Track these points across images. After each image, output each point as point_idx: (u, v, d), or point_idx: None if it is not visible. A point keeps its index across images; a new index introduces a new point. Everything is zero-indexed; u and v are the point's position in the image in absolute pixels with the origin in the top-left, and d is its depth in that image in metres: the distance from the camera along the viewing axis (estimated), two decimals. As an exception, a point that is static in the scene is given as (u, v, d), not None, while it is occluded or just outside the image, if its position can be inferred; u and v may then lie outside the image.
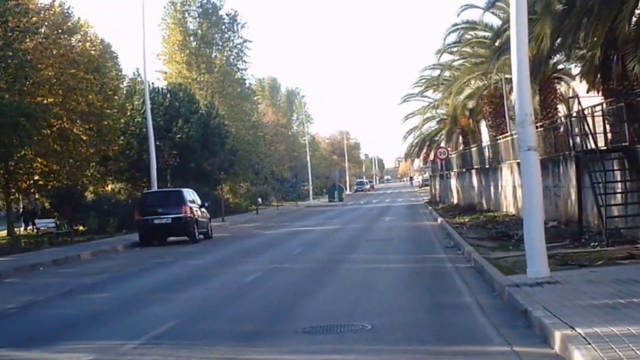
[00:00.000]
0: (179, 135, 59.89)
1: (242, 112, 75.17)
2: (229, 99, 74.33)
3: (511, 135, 36.93)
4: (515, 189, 35.06)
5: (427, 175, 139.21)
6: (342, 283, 16.78)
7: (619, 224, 21.64)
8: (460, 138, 57.26)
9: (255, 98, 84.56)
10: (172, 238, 34.74)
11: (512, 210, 35.78)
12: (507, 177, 36.67)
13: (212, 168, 53.16)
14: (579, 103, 23.78)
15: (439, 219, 37.89)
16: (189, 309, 14.29)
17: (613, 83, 26.39)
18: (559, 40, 32.74)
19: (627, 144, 22.11)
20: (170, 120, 60.51)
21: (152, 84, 64.76)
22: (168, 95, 62.99)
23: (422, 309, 12.73)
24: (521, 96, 14.37)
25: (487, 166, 42.69)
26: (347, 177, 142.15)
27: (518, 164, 35.75)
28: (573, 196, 25.91)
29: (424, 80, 54.81)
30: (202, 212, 35.89)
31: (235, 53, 76.38)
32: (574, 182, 25.93)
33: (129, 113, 57.40)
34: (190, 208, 34.11)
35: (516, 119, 14.68)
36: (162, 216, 33.51)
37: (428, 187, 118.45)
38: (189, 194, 35.68)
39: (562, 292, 12.36)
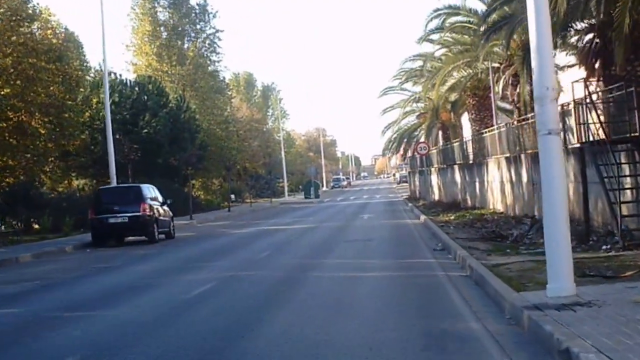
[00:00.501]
0: (146, 130, 56.62)
1: (215, 106, 71.54)
2: (201, 93, 70.74)
3: (498, 128, 33.85)
4: (502, 185, 31.98)
5: (404, 171, 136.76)
6: (310, 302, 13.27)
7: (629, 224, 18.62)
8: (441, 133, 54.19)
9: (229, 92, 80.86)
10: (130, 238, 31.41)
11: (499, 207, 32.70)
12: (494, 173, 33.58)
13: (179, 163, 49.70)
14: (586, 87, 20.61)
15: (422, 217, 34.75)
16: (100, 338, 10.89)
17: (615, 68, 23.70)
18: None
19: (637, 134, 19.15)
20: (137, 114, 57.27)
21: (120, 75, 61.41)
22: (136, 88, 59.67)
23: (415, 346, 9.30)
24: (541, 64, 11.13)
25: (471, 161, 39.59)
26: (324, 174, 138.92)
27: (506, 158, 32.81)
28: (571, 192, 22.94)
29: (403, 73, 51.60)
30: (164, 210, 32.58)
31: (207, 44, 72.80)
32: (571, 176, 22.96)
33: (94, 106, 53.85)
34: (150, 206, 30.78)
35: (535, 93, 11.41)
36: (118, 214, 30.19)
37: (406, 184, 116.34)
38: (149, 191, 32.32)
39: (606, 319, 9.08)
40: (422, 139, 51.64)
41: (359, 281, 15.66)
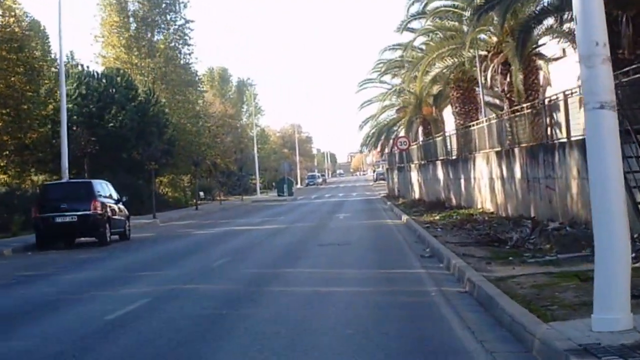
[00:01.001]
0: (112, 124, 53.37)
1: (186, 100, 68.04)
2: (171, 86, 67.24)
3: (488, 120, 30.75)
4: (492, 182, 28.85)
5: (381, 169, 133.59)
6: (261, 335, 9.67)
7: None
8: (421, 128, 51.06)
9: (201, 86, 77.25)
10: (82, 239, 28.08)
11: (489, 206, 29.56)
12: (482, 169, 30.43)
13: (142, 158, 46.21)
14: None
15: (404, 217, 31.59)
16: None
17: (623, 51, 20.83)
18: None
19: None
20: (104, 107, 54.13)
21: (87, 67, 57.94)
22: (103, 80, 56.25)
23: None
24: (588, 11, 7.92)
25: (455, 157, 36.48)
26: (298, 171, 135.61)
27: (497, 153, 29.61)
28: (574, 189, 19.87)
29: (382, 64, 48.29)
30: (118, 208, 29.19)
31: (177, 35, 69.21)
32: (574, 172, 19.91)
33: (59, 99, 50.49)
34: (102, 203, 27.37)
35: (580, 51, 8.14)
36: (66, 213, 26.75)
37: (384, 182, 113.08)
38: (102, 187, 28.89)
39: None
40: (402, 134, 48.34)
41: (330, 300, 12.29)
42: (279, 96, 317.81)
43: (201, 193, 72.28)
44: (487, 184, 29.84)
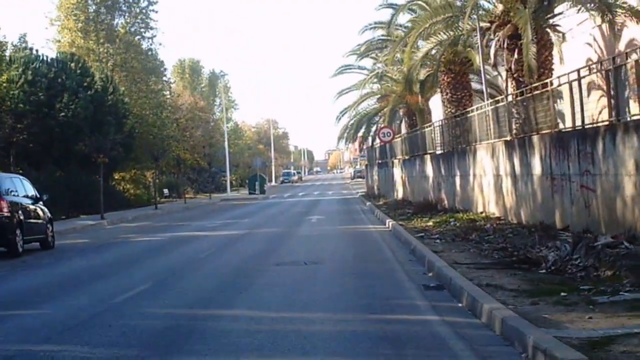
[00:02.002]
0: (63, 113, 47.25)
1: (149, 89, 61.82)
2: (132, 74, 61.06)
3: (495, 102, 25.00)
4: (499, 180, 23.18)
5: (359, 166, 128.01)
6: None
7: None
8: (406, 119, 45.25)
9: (165, 73, 70.97)
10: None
11: (493, 210, 23.90)
12: (485, 163, 24.75)
13: (88, 150, 40.22)
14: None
15: (389, 222, 25.86)
16: None
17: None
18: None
19: None
20: (55, 96, 47.93)
21: (37, 51, 51.58)
22: (54, 66, 50.02)
23: None
24: None
25: (448, 150, 30.82)
26: (273, 168, 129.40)
27: (506, 143, 23.90)
28: (629, 190, 14.29)
29: (361, 46, 42.15)
30: (36, 210, 23.18)
31: (139, 19, 62.99)
32: (630, 166, 14.29)
33: (3, 85, 44.68)
34: (12, 204, 21.39)
35: None
36: (-36, 216, 20.75)
37: (361, 179, 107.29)
38: (12, 183, 22.80)
39: None
40: (384, 125, 42.47)
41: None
42: (256, 91, 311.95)
43: (165, 190, 66.25)
44: (491, 183, 24.14)
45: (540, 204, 19.47)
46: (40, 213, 23.34)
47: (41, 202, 23.73)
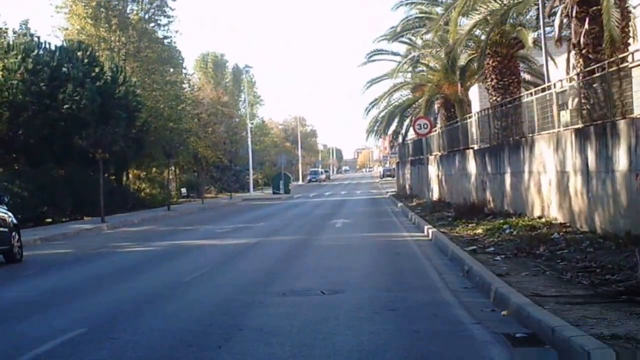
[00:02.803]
0: (67, 105, 43.26)
1: (164, 80, 57.67)
2: (146, 64, 57.02)
3: (570, 79, 20.54)
4: (564, 177, 18.75)
5: (388, 164, 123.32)
6: None
7: None
8: (442, 112, 40.71)
9: (182, 63, 66.71)
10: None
11: (555, 214, 19.48)
12: (546, 158, 20.29)
13: (85, 145, 36.20)
14: None
15: (427, 228, 21.50)
16: None
17: None
18: None
19: None
20: (58, 86, 43.94)
21: (38, 38, 47.60)
22: (58, 54, 46.01)
23: None
24: None
25: (496, 143, 26.38)
26: (300, 166, 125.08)
27: (577, 132, 19.43)
28: None
29: (396, 28, 37.37)
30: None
31: (155, 6, 58.86)
32: None
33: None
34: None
35: None
36: None
37: (390, 178, 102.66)
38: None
39: None
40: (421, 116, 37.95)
41: None
42: (284, 89, 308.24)
43: (183, 190, 62.24)
44: (553, 181, 19.68)
45: (626, 209, 15.01)
46: (4, 219, 19.18)
47: (4, 206, 19.60)
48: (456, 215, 24.59)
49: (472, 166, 29.31)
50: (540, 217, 20.42)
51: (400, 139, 46.90)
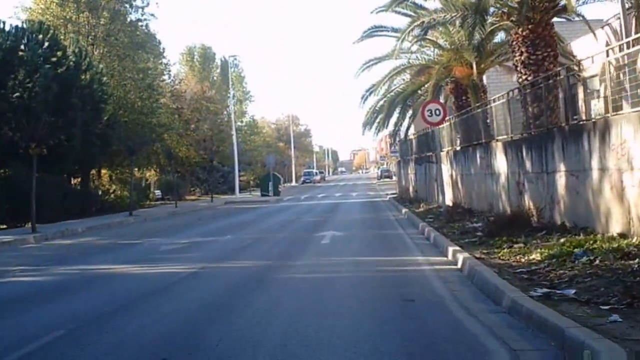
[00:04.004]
0: (17, 93, 36.53)
1: (136, 67, 50.44)
2: (117, 48, 49.81)
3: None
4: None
5: (386, 165, 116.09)
6: None
7: None
8: (452, 99, 33.50)
9: (160, 49, 59.25)
10: None
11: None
12: (633, 148, 13.27)
13: (16, 138, 29.21)
14: None
15: (453, 251, 14.36)
16: None
17: None
18: None
19: None
20: (10, 72, 37.22)
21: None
22: (12, 35, 39.14)
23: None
24: None
25: (539, 131, 19.31)
26: (294, 167, 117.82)
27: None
28: None
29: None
30: None
31: (129, -16, 51.73)
32: None
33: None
34: None
35: None
36: None
37: (388, 179, 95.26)
38: None
39: None
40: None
41: None
42: (279, 89, 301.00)
43: (158, 192, 55.06)
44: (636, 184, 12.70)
45: None
46: None
47: None
48: (489, 229, 17.41)
49: (500, 163, 22.20)
50: (623, 235, 13.41)
51: (402, 134, 39.64)
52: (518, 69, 23.47)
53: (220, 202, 54.32)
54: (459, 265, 13.21)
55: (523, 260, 12.82)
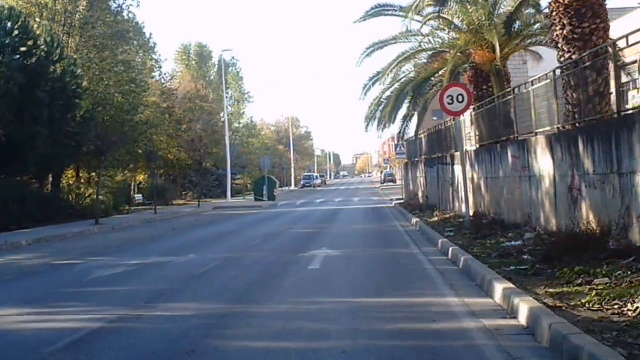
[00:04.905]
0: (-25, 87, 31.71)
1: (116, 60, 45.09)
2: (94, 39, 44.53)
3: None
4: None
5: (389, 169, 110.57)
6: None
7: None
8: (472, 89, 28.05)
9: (155, 50, 54.19)
10: None
11: None
12: None
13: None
14: None
15: (503, 292, 8.98)
16: None
17: None
18: None
19: None
20: (-28, 61, 32.53)
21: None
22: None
23: None
24: None
25: (612, 118, 14.06)
26: (293, 170, 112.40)
27: None
28: None
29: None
30: None
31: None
32: None
33: None
34: None
35: None
36: None
37: (392, 183, 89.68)
38: None
39: None
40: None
41: None
42: (281, 91, 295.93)
43: (139, 197, 49.77)
44: None
45: None
46: None
47: None
48: (547, 253, 12.12)
49: (543, 162, 16.93)
50: None
51: (411, 131, 34.34)
52: (559, 46, 18.28)
53: (208, 207, 49.08)
54: (524, 321, 7.98)
55: (630, 313, 7.63)
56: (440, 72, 27.61)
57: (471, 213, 22.13)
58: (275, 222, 30.12)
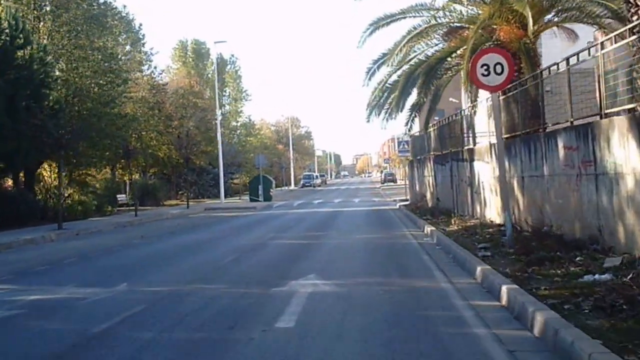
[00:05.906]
0: None
1: (91, 45, 39.31)
2: (70, 25, 38.81)
3: None
4: None
5: (389, 169, 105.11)
6: None
7: None
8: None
9: (142, 39, 48.55)
10: None
11: None
12: None
13: None
14: None
15: None
16: None
17: None
18: None
19: None
20: None
21: None
22: None
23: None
24: None
25: None
26: (293, 170, 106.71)
27: None
28: None
29: None
30: None
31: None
32: None
33: None
34: None
35: None
36: None
37: (392, 183, 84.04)
38: None
39: None
40: (462, 75, 19.88)
41: None
42: (282, 91, 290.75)
43: (122, 197, 44.15)
44: None
45: None
46: None
47: None
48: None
49: (619, 155, 11.33)
50: None
51: (416, 125, 28.68)
52: (629, 5, 12.82)
53: (199, 208, 43.52)
54: None
55: None
56: (459, 52, 22.02)
57: (499, 220, 16.53)
58: (262, 228, 24.58)
